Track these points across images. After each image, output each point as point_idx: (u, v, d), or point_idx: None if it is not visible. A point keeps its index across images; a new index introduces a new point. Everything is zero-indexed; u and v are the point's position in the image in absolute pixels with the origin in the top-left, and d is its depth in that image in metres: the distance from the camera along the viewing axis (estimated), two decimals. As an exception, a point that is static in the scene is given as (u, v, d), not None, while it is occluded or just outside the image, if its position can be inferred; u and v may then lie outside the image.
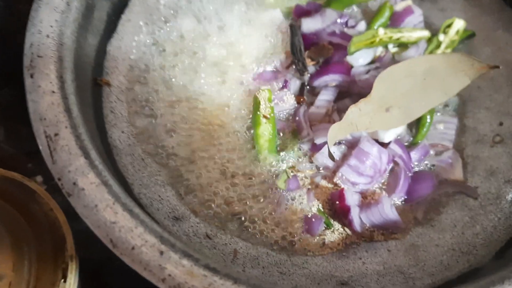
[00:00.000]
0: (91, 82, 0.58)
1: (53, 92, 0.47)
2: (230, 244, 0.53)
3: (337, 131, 0.54)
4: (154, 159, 0.58)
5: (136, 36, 0.65)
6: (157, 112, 0.61)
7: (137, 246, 0.40)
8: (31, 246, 0.59)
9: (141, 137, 0.59)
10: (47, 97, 0.47)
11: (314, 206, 0.57)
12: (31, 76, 0.48)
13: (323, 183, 0.58)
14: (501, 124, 0.62)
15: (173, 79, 0.64)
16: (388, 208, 0.54)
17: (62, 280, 0.57)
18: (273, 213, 0.56)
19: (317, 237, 0.55)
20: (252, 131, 0.60)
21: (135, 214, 0.42)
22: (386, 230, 0.56)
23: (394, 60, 0.64)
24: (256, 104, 0.60)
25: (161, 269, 0.39)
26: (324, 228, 0.56)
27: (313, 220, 0.55)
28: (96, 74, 0.59)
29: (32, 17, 0.51)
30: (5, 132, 0.80)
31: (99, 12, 0.60)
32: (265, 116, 0.59)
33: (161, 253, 0.40)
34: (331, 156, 0.54)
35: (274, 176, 0.58)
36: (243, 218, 0.56)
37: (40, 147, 0.45)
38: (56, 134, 0.45)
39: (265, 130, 0.59)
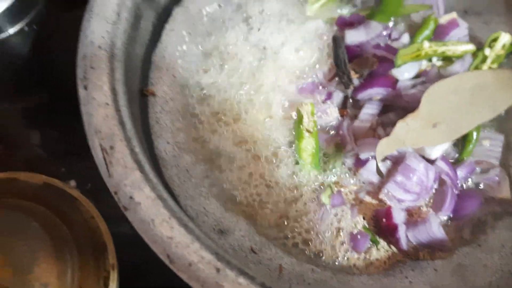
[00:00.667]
0: (138, 93, 0.58)
1: (107, 104, 0.47)
2: (275, 259, 0.53)
3: (385, 147, 0.54)
4: (199, 170, 0.58)
5: (179, 46, 0.65)
6: (201, 123, 0.61)
7: (193, 263, 0.40)
8: (73, 254, 0.59)
9: (185, 147, 0.59)
10: (102, 110, 0.47)
11: (359, 223, 0.57)
12: (85, 88, 0.48)
13: (367, 199, 0.58)
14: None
15: (216, 91, 0.64)
16: (435, 227, 0.53)
17: (104, 288, 0.57)
18: (316, 228, 0.56)
19: (363, 255, 0.55)
20: (294, 145, 0.60)
21: (190, 229, 0.42)
22: (432, 249, 0.55)
23: (439, 74, 0.63)
24: (299, 118, 0.59)
25: (218, 286, 0.39)
26: (369, 246, 0.55)
27: (359, 237, 0.54)
28: (142, 85, 0.60)
29: (84, 27, 0.51)
30: (40, 137, 0.80)
31: (146, 22, 0.60)
32: (308, 130, 0.59)
33: (218, 270, 0.40)
34: (379, 172, 0.53)
35: (318, 191, 0.58)
36: (287, 233, 0.55)
37: (96, 160, 0.45)
38: (111, 147, 0.45)
39: (308, 144, 0.59)
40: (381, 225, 0.56)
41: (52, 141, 0.79)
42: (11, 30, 0.72)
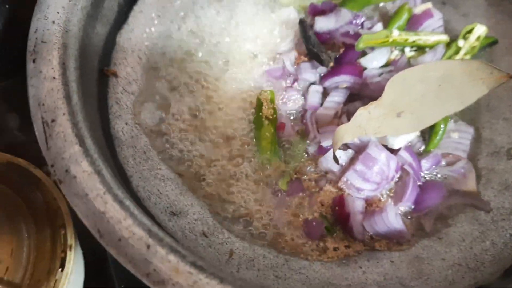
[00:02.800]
0: (97, 72, 0.57)
1: (54, 78, 0.47)
2: (226, 243, 0.52)
3: (344, 134, 0.52)
4: (156, 152, 0.57)
5: (148, 28, 0.64)
6: (164, 106, 0.60)
7: (124, 238, 0.39)
8: (31, 233, 0.58)
9: (145, 130, 0.58)
10: (48, 83, 0.46)
11: (316, 211, 0.55)
12: (33, 61, 0.47)
13: (328, 187, 0.56)
14: (519, 136, 0.59)
15: (183, 73, 0.63)
16: (392, 217, 0.52)
17: (60, 269, 0.56)
18: (272, 215, 0.54)
19: (318, 243, 0.53)
20: (254, 133, 0.59)
21: (125, 206, 0.41)
22: (391, 240, 0.53)
23: (409, 64, 0.62)
24: (259, 105, 0.58)
25: (146, 263, 0.38)
26: (324, 233, 0.53)
27: (314, 223, 0.53)
28: (103, 65, 0.59)
29: (39, 2, 0.51)
30: (19, 120, 0.80)
31: (110, 1, 0.59)
32: (267, 117, 0.58)
33: (148, 247, 0.39)
34: (335, 159, 0.52)
35: (277, 177, 0.56)
36: (241, 219, 0.54)
37: (36, 133, 0.44)
38: (53, 120, 0.44)
39: (267, 131, 0.57)
40: (335, 213, 0.54)
41: (31, 125, 0.79)
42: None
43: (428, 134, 0.59)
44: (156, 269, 0.38)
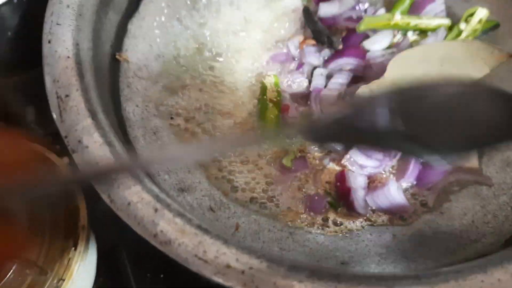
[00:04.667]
0: (109, 56, 0.60)
1: (68, 57, 0.49)
2: (232, 218, 0.54)
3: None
4: (166, 133, 0.59)
5: (158, 17, 0.67)
6: (175, 88, 0.63)
7: (133, 203, 0.41)
8: (45, 214, 0.61)
9: (154, 111, 0.60)
10: (62, 62, 0.49)
11: (320, 188, 0.57)
12: (49, 41, 0.50)
13: (332, 166, 0.58)
14: (521, 114, 0.60)
15: (189, 60, 0.65)
16: (394, 191, 0.53)
17: (73, 248, 0.59)
18: (277, 191, 0.56)
19: (322, 217, 0.55)
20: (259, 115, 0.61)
21: (134, 174, 0.43)
22: (393, 215, 0.55)
23: (411, 47, 0.63)
24: (263, 89, 0.60)
25: (154, 224, 0.40)
26: (328, 207, 0.55)
27: (316, 198, 0.55)
28: (115, 50, 0.61)
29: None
30: (35, 113, 0.82)
31: (122, -10, 0.62)
32: (271, 100, 0.60)
33: (156, 210, 0.41)
34: None
35: (281, 156, 0.58)
36: (247, 195, 0.56)
37: (51, 108, 0.47)
38: (67, 96, 0.47)
39: (272, 113, 0.59)
40: (337, 189, 0.56)
41: (48, 117, 0.82)
42: (-2, 1, 0.74)
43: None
44: (163, 230, 0.40)
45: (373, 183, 0.56)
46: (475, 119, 0.40)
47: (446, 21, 0.64)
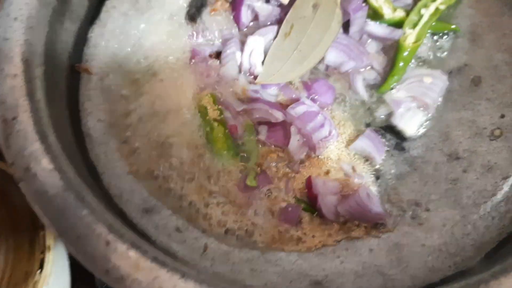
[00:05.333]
0: (67, 68, 0.56)
1: (16, 75, 0.46)
2: (200, 238, 0.51)
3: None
4: (129, 149, 0.56)
5: (121, 23, 0.63)
6: (136, 102, 0.59)
7: (82, 235, 0.38)
8: (9, 235, 0.58)
9: (117, 127, 0.57)
10: (9, 80, 0.46)
11: (291, 197, 0.54)
12: (-5, 59, 0.47)
13: (298, 174, 0.56)
14: (502, 116, 0.57)
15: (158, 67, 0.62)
16: (365, 197, 0.51)
17: (39, 271, 0.56)
18: (245, 211, 0.53)
19: (295, 231, 0.52)
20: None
21: (87, 202, 0.40)
22: (369, 224, 0.52)
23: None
24: (202, 112, 0.58)
25: (105, 260, 0.37)
26: (302, 218, 0.53)
27: (289, 209, 0.52)
28: (74, 61, 0.58)
29: (4, 0, 0.50)
30: None
31: (79, -3, 0.58)
32: (215, 119, 0.57)
33: (107, 243, 0.38)
34: None
35: (242, 175, 0.56)
36: (216, 216, 0.53)
37: (-3, 131, 0.44)
38: (13, 118, 0.44)
39: (219, 133, 0.57)
40: (307, 195, 0.53)
41: None
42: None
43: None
44: (115, 265, 0.37)
45: (344, 189, 0.54)
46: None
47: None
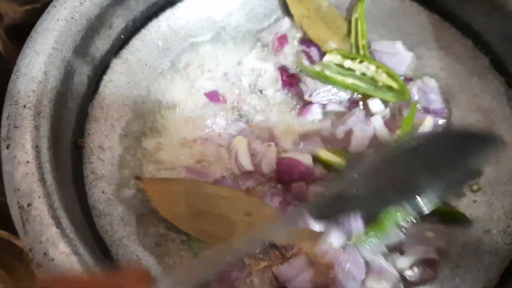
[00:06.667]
0: (71, 144, 0.59)
1: (28, 162, 0.49)
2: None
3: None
4: (135, 216, 0.59)
5: (119, 95, 0.67)
6: (140, 173, 0.63)
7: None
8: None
9: (121, 196, 0.60)
10: (22, 168, 0.48)
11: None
12: (7, 147, 0.49)
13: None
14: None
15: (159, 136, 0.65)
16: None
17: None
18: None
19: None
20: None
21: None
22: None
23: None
24: None
25: None
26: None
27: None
28: (77, 137, 0.61)
29: (10, 88, 0.53)
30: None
31: (80, 76, 0.61)
32: None
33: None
34: None
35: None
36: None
37: (13, 219, 0.46)
38: (29, 205, 0.46)
39: None
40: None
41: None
42: None
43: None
44: None
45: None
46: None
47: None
